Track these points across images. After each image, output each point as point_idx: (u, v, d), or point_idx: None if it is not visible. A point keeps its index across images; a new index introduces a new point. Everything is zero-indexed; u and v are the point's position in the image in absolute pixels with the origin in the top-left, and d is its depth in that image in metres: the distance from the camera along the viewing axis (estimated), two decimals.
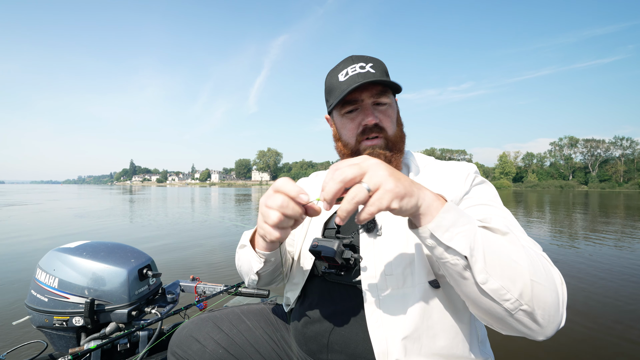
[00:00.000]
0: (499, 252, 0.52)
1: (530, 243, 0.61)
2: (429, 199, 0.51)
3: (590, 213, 12.48)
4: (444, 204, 0.52)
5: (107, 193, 35.37)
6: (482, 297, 0.53)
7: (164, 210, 12.88)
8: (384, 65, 0.83)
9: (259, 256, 0.76)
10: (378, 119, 0.79)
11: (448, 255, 0.52)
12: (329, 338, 0.78)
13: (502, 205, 0.73)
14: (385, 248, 0.74)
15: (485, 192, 0.76)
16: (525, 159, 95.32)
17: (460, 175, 0.78)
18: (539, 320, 0.52)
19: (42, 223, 8.74)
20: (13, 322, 1.36)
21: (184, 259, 4.61)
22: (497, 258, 0.51)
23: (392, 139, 0.81)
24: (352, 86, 0.75)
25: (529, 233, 2.13)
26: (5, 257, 4.70)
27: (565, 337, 2.33)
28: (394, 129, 0.81)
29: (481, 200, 0.73)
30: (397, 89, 0.81)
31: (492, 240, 0.52)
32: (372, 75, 0.77)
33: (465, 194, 0.75)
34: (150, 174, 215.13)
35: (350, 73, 0.79)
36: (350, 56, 0.83)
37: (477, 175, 0.79)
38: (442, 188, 0.76)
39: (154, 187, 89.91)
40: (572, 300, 3.05)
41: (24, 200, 19.81)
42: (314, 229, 0.89)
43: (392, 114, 0.81)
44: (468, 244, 0.50)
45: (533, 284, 0.51)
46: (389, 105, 0.81)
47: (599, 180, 79.39)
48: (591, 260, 4.60)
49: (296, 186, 0.54)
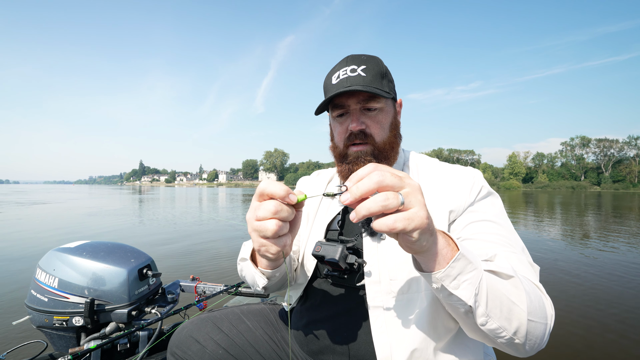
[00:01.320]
0: (500, 297, 0.53)
1: (528, 271, 0.62)
2: (441, 243, 0.50)
3: (603, 214, 12.18)
4: (454, 251, 0.51)
5: (120, 193, 36.34)
6: (479, 331, 0.56)
7: (175, 209, 13.03)
8: (380, 66, 0.78)
9: (261, 273, 0.73)
10: (365, 125, 0.77)
11: (452, 299, 0.52)
12: (330, 339, 0.78)
13: (506, 220, 0.72)
14: (390, 252, 0.73)
15: (491, 207, 0.73)
16: (535, 159, 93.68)
17: (465, 184, 0.74)
18: (526, 349, 0.56)
19: (71, 220, 9.41)
20: (13, 322, 1.37)
21: (187, 259, 4.64)
22: (499, 302, 0.53)
23: (379, 146, 0.77)
24: (332, 93, 0.74)
25: (537, 239, 2.03)
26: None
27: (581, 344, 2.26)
28: (383, 135, 0.78)
29: (486, 216, 0.70)
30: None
31: (496, 286, 0.53)
32: (362, 80, 0.74)
33: (470, 205, 0.73)
34: (159, 174, 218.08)
35: (341, 76, 0.76)
36: (347, 56, 0.80)
37: (484, 186, 0.76)
38: (444, 194, 0.74)
39: (162, 187, 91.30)
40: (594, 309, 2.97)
41: (46, 200, 21.21)
42: (316, 230, 0.88)
43: (382, 119, 0.78)
44: (473, 291, 0.51)
45: (529, 323, 0.54)
46: (380, 110, 0.77)
47: (612, 181, 77.64)
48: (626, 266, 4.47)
49: (282, 185, 0.51)
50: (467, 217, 0.71)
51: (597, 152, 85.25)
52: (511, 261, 0.61)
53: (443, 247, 0.50)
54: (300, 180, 1.07)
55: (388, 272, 0.72)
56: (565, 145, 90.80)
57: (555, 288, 3.45)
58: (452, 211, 0.72)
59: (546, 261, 4.62)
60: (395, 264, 0.72)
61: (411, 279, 0.70)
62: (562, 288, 3.46)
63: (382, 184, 0.43)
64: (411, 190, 0.45)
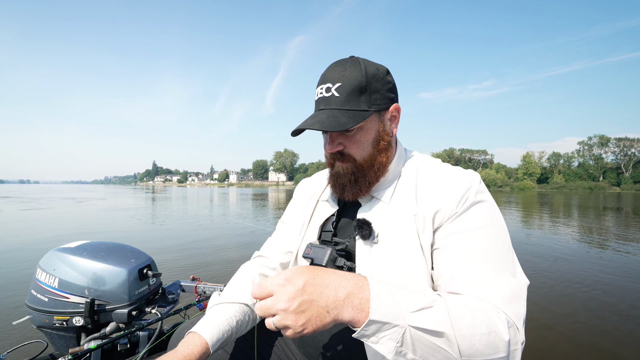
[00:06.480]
0: (429, 344, 0.54)
1: (493, 294, 0.60)
2: (347, 315, 0.53)
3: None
4: (365, 318, 0.53)
5: (137, 192, 37.76)
6: None
7: (187, 208, 13.24)
8: (360, 78, 0.71)
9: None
10: (342, 146, 0.75)
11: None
12: (326, 342, 0.81)
13: (494, 230, 0.66)
14: (382, 257, 0.72)
15: (479, 216, 0.68)
16: (550, 159, 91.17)
17: (455, 194, 0.69)
18: None
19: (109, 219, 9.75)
20: (13, 322, 1.39)
21: (188, 258, 4.67)
22: (430, 349, 0.54)
23: (360, 164, 0.76)
24: (297, 128, 0.73)
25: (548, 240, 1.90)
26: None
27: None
28: (363, 153, 0.75)
29: (469, 227, 0.67)
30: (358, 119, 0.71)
31: (424, 336, 0.53)
32: (335, 101, 0.71)
33: (457, 213, 0.68)
34: (171, 175, 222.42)
35: (318, 94, 0.75)
36: (329, 66, 0.76)
37: (478, 193, 0.70)
38: (436, 197, 0.71)
39: (174, 187, 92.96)
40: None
41: (81, 198, 23.05)
42: (311, 231, 0.88)
43: (361, 138, 0.74)
44: (394, 345, 0.53)
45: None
46: (359, 129, 0.74)
47: (633, 181, 74.86)
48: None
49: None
50: (451, 227, 0.68)
51: (617, 151, 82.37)
52: (473, 282, 0.61)
53: (353, 317, 0.54)
54: (301, 182, 1.06)
55: (379, 276, 0.71)
56: (582, 145, 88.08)
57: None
58: (439, 214, 0.69)
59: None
60: (387, 268, 0.70)
61: (404, 285, 0.68)
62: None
63: (259, 297, 0.56)
64: (277, 297, 0.53)
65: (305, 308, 0.52)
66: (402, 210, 0.73)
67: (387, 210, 0.76)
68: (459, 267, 0.64)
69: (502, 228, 0.68)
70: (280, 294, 0.53)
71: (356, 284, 0.55)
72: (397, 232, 0.72)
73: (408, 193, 0.75)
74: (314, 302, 0.53)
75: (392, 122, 0.79)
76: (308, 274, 0.54)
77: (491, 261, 0.63)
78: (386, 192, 0.78)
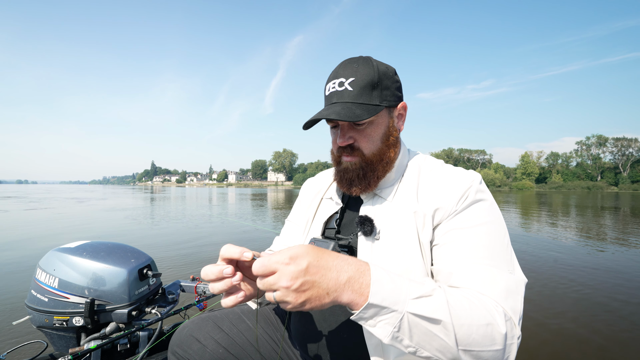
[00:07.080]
0: (426, 332, 0.55)
1: (492, 289, 0.61)
2: (346, 298, 0.55)
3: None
4: (365, 302, 0.54)
5: (137, 192, 37.79)
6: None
7: (185, 208, 13.22)
8: (373, 74, 0.74)
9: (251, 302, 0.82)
10: (353, 139, 0.77)
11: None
12: (326, 339, 0.81)
13: (494, 228, 0.68)
14: (384, 252, 0.73)
15: (479, 214, 0.69)
16: (549, 159, 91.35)
17: (456, 193, 0.71)
18: None
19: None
20: (13, 322, 1.39)
21: (188, 259, 4.67)
22: (426, 337, 0.55)
23: (368, 158, 0.78)
24: (312, 118, 0.74)
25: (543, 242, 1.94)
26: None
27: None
28: (373, 147, 0.78)
29: (469, 224, 0.68)
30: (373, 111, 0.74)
31: (421, 324, 0.54)
32: (348, 95, 0.74)
33: (457, 211, 0.70)
34: (170, 175, 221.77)
35: (330, 89, 0.77)
36: (341, 62, 0.78)
37: (478, 192, 0.71)
38: (436, 196, 0.73)
39: (173, 188, 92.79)
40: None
41: (82, 198, 23.36)
42: (315, 228, 0.90)
43: (372, 133, 0.77)
44: (390, 330, 0.54)
45: (465, 353, 0.55)
46: (370, 123, 0.77)
47: (630, 181, 75.08)
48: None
49: (236, 248, 0.59)
50: (450, 224, 0.70)
51: (615, 151, 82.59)
52: (472, 276, 0.62)
53: (352, 300, 0.55)
54: (306, 181, 1.09)
55: None
56: (580, 145, 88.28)
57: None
58: (439, 212, 0.71)
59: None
60: (389, 263, 0.71)
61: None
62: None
63: (262, 275, 0.56)
64: (280, 275, 0.54)
65: (307, 288, 0.53)
66: (403, 207, 0.75)
67: (389, 208, 0.77)
68: (458, 262, 0.65)
69: (502, 226, 0.69)
70: (283, 273, 0.53)
71: (358, 269, 0.56)
72: (398, 229, 0.73)
73: (410, 191, 0.77)
74: (316, 284, 0.54)
75: (399, 120, 0.82)
76: (312, 255, 0.55)
77: (490, 257, 0.64)
78: (389, 190, 0.80)
